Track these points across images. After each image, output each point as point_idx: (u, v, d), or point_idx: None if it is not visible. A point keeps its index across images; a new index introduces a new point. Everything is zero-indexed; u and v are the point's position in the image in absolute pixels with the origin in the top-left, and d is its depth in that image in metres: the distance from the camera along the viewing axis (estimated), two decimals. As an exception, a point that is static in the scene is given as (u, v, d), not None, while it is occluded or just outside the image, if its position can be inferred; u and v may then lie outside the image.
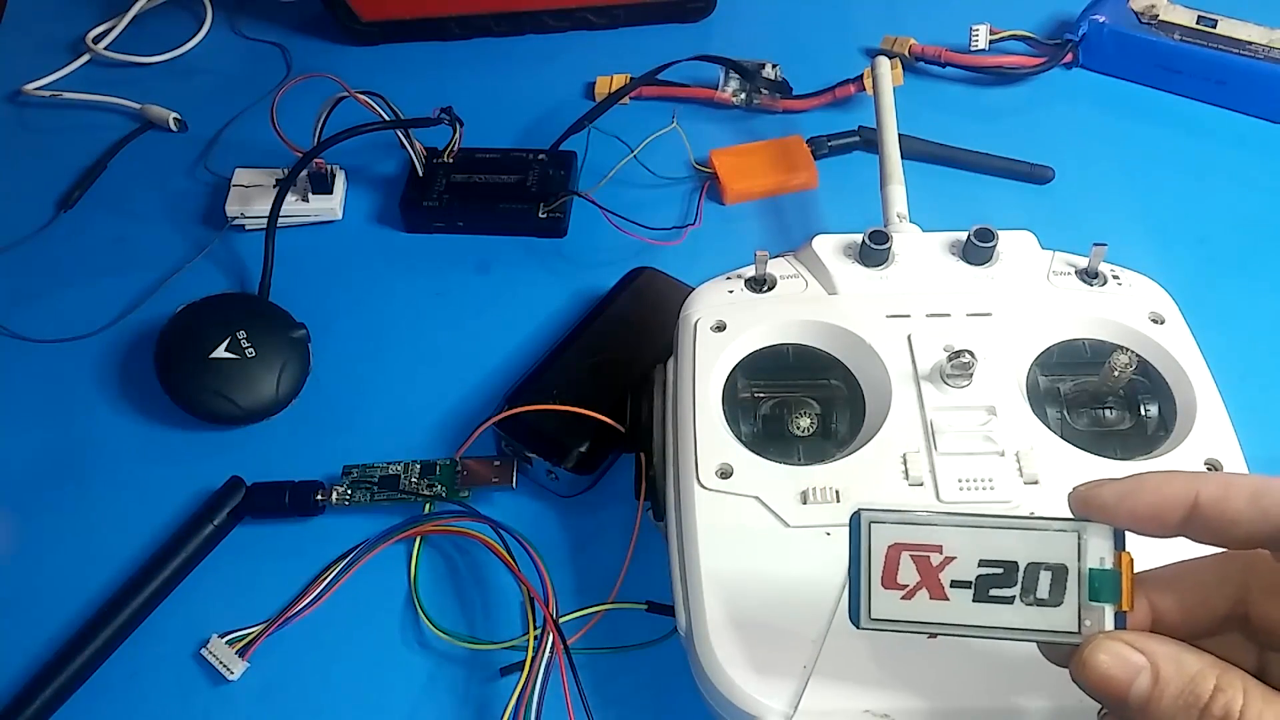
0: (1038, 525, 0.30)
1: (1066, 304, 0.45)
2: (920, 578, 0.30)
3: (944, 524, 0.30)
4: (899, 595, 0.30)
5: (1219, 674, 0.27)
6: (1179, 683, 0.27)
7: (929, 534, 0.30)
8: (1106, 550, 0.29)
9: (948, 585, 0.30)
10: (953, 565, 0.30)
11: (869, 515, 0.31)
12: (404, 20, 0.71)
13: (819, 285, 0.46)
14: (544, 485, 0.50)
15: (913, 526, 0.30)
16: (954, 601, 0.30)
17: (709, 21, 0.73)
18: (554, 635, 0.43)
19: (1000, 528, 0.30)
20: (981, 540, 0.30)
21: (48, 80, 0.70)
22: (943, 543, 0.30)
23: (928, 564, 0.30)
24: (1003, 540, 0.30)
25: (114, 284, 0.60)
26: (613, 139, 0.63)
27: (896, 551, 0.30)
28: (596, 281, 0.57)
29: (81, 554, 0.49)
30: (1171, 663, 0.27)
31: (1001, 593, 0.30)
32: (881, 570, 0.30)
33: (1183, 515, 0.29)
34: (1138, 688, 0.27)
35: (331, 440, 0.52)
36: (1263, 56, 0.64)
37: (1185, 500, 0.29)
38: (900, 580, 0.30)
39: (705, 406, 0.42)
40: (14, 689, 0.45)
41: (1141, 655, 0.28)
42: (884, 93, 0.58)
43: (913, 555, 0.30)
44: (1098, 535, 0.29)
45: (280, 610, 0.47)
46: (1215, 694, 0.27)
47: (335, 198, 0.62)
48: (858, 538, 0.31)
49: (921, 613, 0.30)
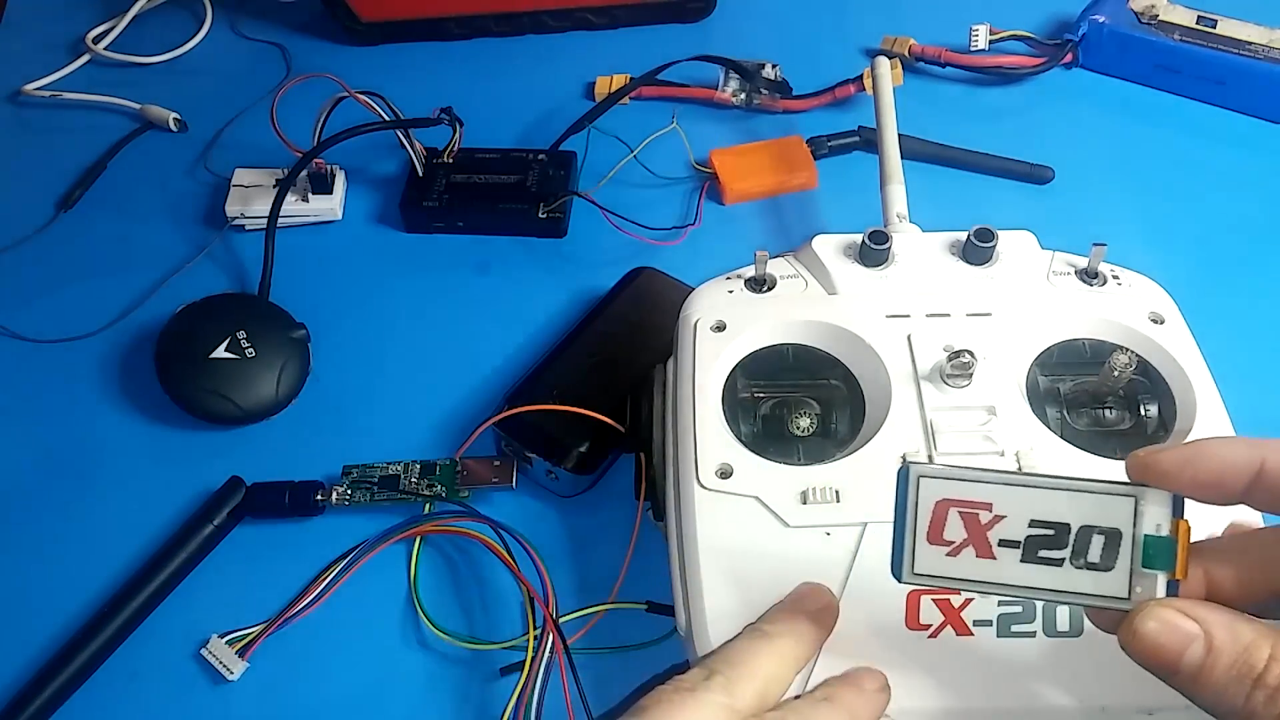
0: (1094, 488, 0.29)
1: (1066, 304, 0.45)
2: (968, 535, 0.30)
3: (996, 482, 0.30)
4: (944, 551, 0.30)
5: (1274, 643, 0.26)
6: (1233, 652, 0.26)
7: (980, 491, 0.30)
8: (1164, 517, 0.28)
9: (995, 544, 0.29)
10: (1002, 524, 0.29)
11: (919, 469, 0.30)
12: (404, 20, 0.71)
13: (819, 285, 0.46)
14: (544, 485, 0.50)
15: (964, 484, 0.30)
16: (1001, 561, 0.29)
17: (709, 21, 0.73)
18: (554, 635, 0.43)
19: (1055, 488, 0.29)
20: (1034, 500, 0.29)
21: (48, 80, 0.70)
22: (993, 500, 0.29)
23: (976, 522, 0.30)
24: (1056, 501, 0.29)
25: (114, 284, 0.60)
26: (613, 139, 0.63)
27: (944, 507, 0.30)
28: (596, 281, 0.57)
29: (81, 554, 0.49)
30: (1225, 630, 0.27)
31: (1051, 555, 0.29)
32: (928, 526, 0.30)
33: (1247, 481, 0.28)
34: (1190, 656, 0.27)
35: (331, 440, 0.52)
36: (1263, 56, 0.64)
37: (1250, 466, 0.28)
38: (946, 537, 0.30)
39: (705, 406, 0.42)
40: (14, 689, 0.45)
41: (1194, 623, 0.27)
42: (884, 93, 0.58)
43: (961, 512, 0.30)
44: (1155, 501, 0.29)
45: (280, 610, 0.47)
46: (1270, 664, 0.26)
47: (335, 198, 0.62)
48: (905, 490, 0.30)
49: (967, 570, 0.30)
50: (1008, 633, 0.36)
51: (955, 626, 0.36)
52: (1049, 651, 0.36)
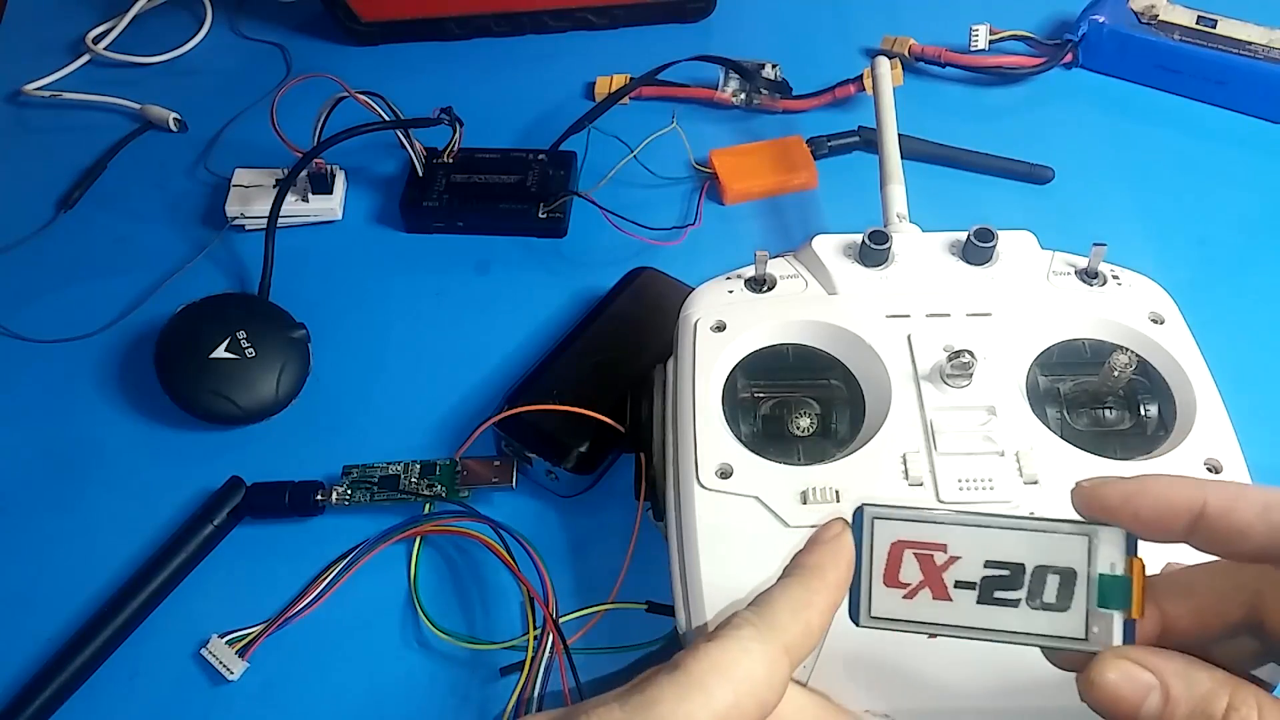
0: (1047, 527, 0.29)
1: (1066, 304, 0.45)
2: (923, 577, 0.29)
3: (949, 522, 0.29)
4: (901, 594, 0.30)
5: (1231, 691, 0.26)
6: (1190, 702, 0.26)
7: (934, 532, 0.30)
8: (1118, 556, 0.28)
9: (951, 585, 0.29)
10: (957, 565, 0.29)
11: (872, 510, 0.30)
12: (404, 20, 0.71)
13: (819, 285, 0.46)
14: (544, 485, 0.50)
15: (917, 524, 0.30)
16: (957, 602, 0.29)
17: (709, 21, 0.73)
18: (554, 635, 0.43)
19: (1008, 528, 0.29)
20: (988, 541, 0.29)
21: (48, 80, 0.70)
22: (947, 541, 0.29)
23: (931, 563, 0.29)
24: (1010, 541, 0.29)
25: (114, 284, 0.60)
26: (613, 139, 0.63)
27: (899, 549, 0.30)
28: (596, 281, 0.57)
29: (81, 554, 0.49)
30: (1181, 680, 0.26)
31: (1007, 595, 0.29)
32: (884, 568, 0.30)
33: (1188, 521, 0.28)
34: (1148, 708, 0.26)
35: (331, 440, 0.52)
36: (1263, 56, 0.64)
37: (1192, 506, 0.28)
38: (902, 579, 0.30)
39: (705, 406, 0.42)
40: (14, 689, 0.45)
41: (1150, 674, 0.27)
42: (884, 93, 0.58)
43: (916, 554, 0.30)
44: (1109, 540, 0.28)
45: (280, 610, 0.47)
46: (1229, 713, 0.26)
47: (335, 198, 0.62)
48: (859, 533, 0.30)
49: (923, 613, 0.29)
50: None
51: (955, 626, 0.36)
52: (1049, 651, 0.36)
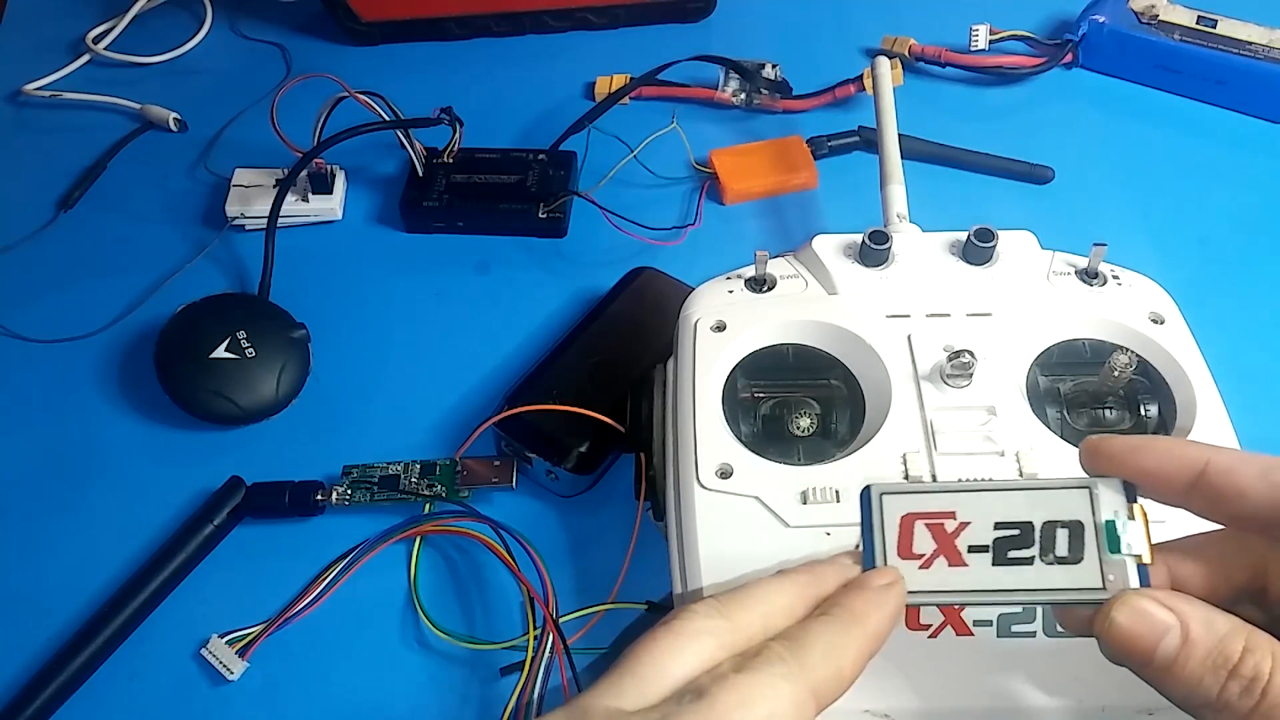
0: (1049, 484, 0.30)
1: (1066, 304, 0.45)
2: (937, 545, 0.30)
3: (954, 490, 0.30)
4: (916, 565, 0.30)
5: (1248, 635, 0.27)
6: (1208, 643, 0.26)
7: (941, 501, 0.30)
8: (1120, 503, 0.29)
9: (965, 551, 0.30)
10: (968, 530, 0.30)
11: (879, 487, 0.31)
12: (404, 20, 0.71)
13: (819, 285, 0.46)
14: (544, 485, 0.50)
15: (924, 495, 0.30)
16: (973, 567, 0.30)
17: (709, 21, 0.73)
18: (554, 635, 0.43)
19: (1012, 489, 0.30)
20: (994, 504, 0.30)
21: (48, 80, 0.70)
22: (955, 509, 0.30)
23: (943, 531, 0.30)
24: (1016, 501, 0.30)
25: (114, 284, 0.60)
26: (613, 139, 0.63)
27: (910, 521, 0.30)
28: (596, 281, 0.57)
29: (81, 554, 0.49)
30: (1201, 623, 0.27)
31: (1021, 554, 0.29)
32: (897, 540, 0.30)
33: (1189, 480, 0.28)
34: (1165, 647, 0.27)
35: (331, 440, 0.52)
36: (1263, 56, 0.64)
37: (1195, 465, 0.28)
38: (916, 550, 0.30)
39: (705, 406, 0.42)
40: (14, 689, 0.45)
41: (1170, 613, 0.27)
42: (884, 93, 0.58)
43: (927, 524, 0.30)
44: (1109, 489, 0.29)
45: (280, 610, 0.47)
46: (1244, 655, 0.26)
47: (335, 198, 0.62)
48: (869, 511, 0.31)
49: (942, 581, 0.30)
50: (1008, 633, 0.36)
51: (955, 626, 0.36)
52: (1049, 651, 0.36)
